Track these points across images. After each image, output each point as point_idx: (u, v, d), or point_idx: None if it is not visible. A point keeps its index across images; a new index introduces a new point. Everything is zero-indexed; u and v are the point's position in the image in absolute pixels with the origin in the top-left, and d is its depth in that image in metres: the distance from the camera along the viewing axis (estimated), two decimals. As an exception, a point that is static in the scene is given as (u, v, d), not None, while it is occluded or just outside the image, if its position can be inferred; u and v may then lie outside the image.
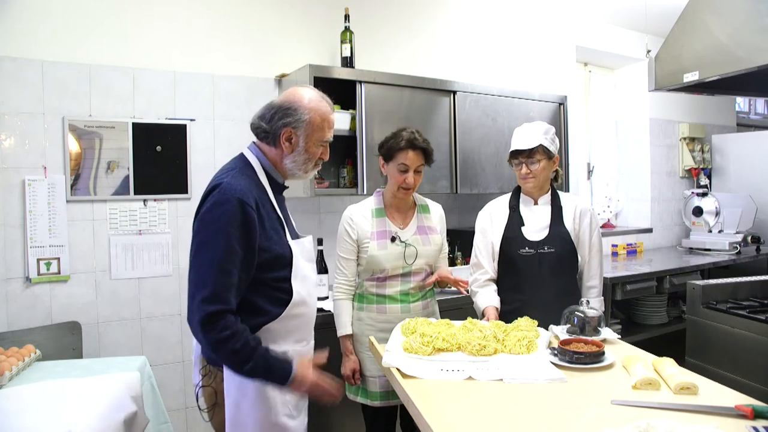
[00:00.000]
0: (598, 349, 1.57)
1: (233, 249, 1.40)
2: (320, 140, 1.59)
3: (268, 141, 1.59)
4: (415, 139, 2.04)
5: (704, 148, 4.75)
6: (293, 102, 1.55)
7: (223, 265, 1.38)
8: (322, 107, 1.58)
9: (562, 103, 3.44)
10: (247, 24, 2.80)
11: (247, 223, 1.43)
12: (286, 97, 1.58)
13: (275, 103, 1.58)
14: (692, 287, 2.41)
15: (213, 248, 1.39)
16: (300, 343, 1.61)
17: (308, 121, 1.54)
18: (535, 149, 2.07)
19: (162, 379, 2.52)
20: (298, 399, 1.60)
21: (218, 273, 1.37)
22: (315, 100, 1.57)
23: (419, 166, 2.06)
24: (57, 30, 2.37)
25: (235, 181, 1.48)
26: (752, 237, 4.06)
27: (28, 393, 1.74)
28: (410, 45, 3.29)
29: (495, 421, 1.24)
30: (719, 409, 1.25)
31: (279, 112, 1.55)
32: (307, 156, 1.58)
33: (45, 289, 2.36)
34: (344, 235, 2.12)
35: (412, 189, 2.09)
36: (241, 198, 1.43)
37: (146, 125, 2.55)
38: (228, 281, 1.38)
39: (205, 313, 1.35)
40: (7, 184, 2.30)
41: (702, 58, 2.27)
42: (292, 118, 1.53)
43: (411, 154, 2.04)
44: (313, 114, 1.55)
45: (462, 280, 2.17)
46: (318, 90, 1.63)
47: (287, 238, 1.56)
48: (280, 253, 1.52)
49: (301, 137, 1.55)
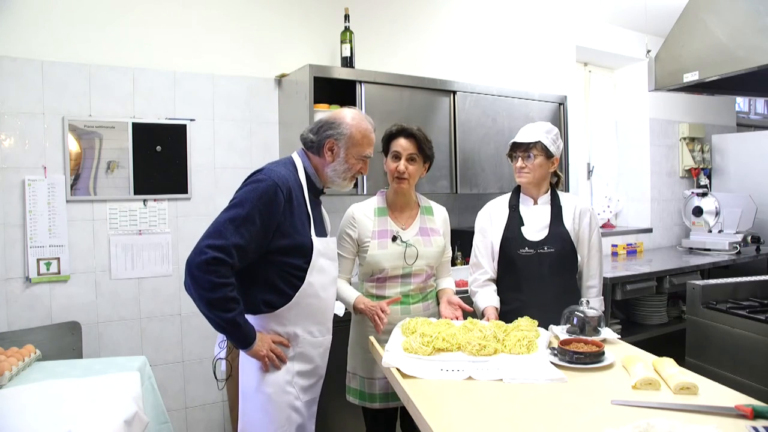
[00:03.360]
0: (598, 349, 1.57)
1: (253, 219, 1.56)
2: (360, 154, 1.77)
3: (314, 150, 1.77)
4: (407, 127, 2.06)
5: (704, 148, 4.75)
6: (338, 118, 1.76)
7: (240, 227, 1.54)
8: (363, 125, 1.77)
9: (562, 103, 3.44)
10: (247, 24, 2.80)
11: (275, 203, 1.59)
12: (334, 114, 1.79)
13: (323, 119, 1.78)
14: (692, 287, 2.41)
15: (236, 212, 1.56)
16: (312, 334, 1.73)
17: (349, 135, 1.74)
18: (532, 144, 2.08)
19: (162, 379, 2.52)
20: (306, 384, 1.73)
21: (234, 231, 1.53)
22: (357, 119, 1.77)
23: (411, 153, 2.04)
24: (57, 30, 2.37)
25: (276, 168, 1.68)
26: (752, 237, 4.05)
27: (28, 393, 1.74)
28: (410, 45, 3.29)
29: (495, 421, 1.24)
30: (719, 409, 1.25)
31: (325, 125, 1.75)
32: (347, 167, 1.76)
33: (45, 289, 2.36)
34: (344, 234, 2.12)
35: (408, 180, 2.05)
36: (276, 181, 1.61)
37: (146, 125, 2.55)
38: (239, 242, 1.53)
39: (213, 257, 1.49)
40: (7, 184, 2.30)
41: (702, 58, 2.27)
42: (335, 131, 1.73)
43: (402, 141, 2.05)
44: (354, 130, 1.74)
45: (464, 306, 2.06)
46: (362, 112, 1.82)
47: (311, 233, 1.69)
48: (300, 243, 1.66)
49: (342, 149, 1.74)
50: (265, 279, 1.65)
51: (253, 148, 2.81)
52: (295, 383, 1.70)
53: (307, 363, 1.73)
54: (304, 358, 1.72)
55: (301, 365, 1.71)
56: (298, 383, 1.71)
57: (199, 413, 2.72)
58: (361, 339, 2.10)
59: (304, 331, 1.71)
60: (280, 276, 1.66)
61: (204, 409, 2.73)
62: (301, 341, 1.70)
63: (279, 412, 1.66)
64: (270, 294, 1.65)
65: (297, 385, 1.71)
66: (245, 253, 1.56)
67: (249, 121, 2.82)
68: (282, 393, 1.67)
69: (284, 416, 1.67)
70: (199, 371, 2.71)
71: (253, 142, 2.82)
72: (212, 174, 2.72)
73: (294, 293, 1.66)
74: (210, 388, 2.73)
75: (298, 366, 1.71)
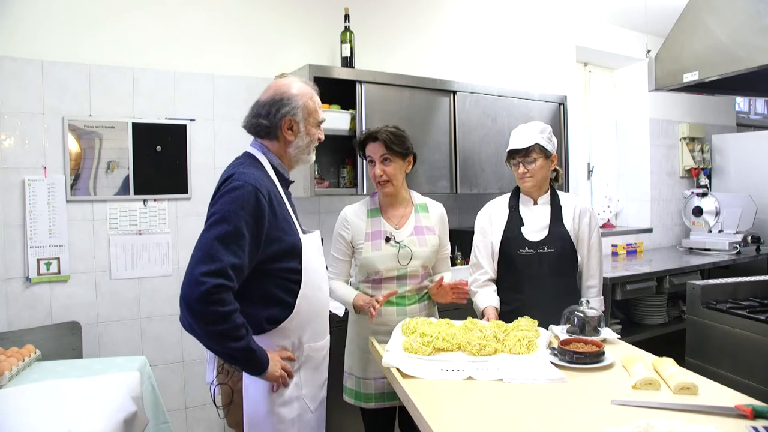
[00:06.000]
0: (598, 349, 1.57)
1: (241, 233, 1.42)
2: (316, 121, 1.68)
3: (270, 136, 1.64)
4: (375, 131, 2.04)
5: (704, 148, 4.75)
6: (283, 93, 1.62)
7: (230, 244, 1.40)
8: (308, 90, 1.66)
9: (562, 103, 3.44)
10: (247, 24, 2.80)
11: (259, 210, 1.47)
12: (275, 91, 1.63)
13: (265, 100, 1.63)
14: (692, 287, 2.41)
15: (222, 228, 1.41)
16: (314, 339, 1.65)
17: (303, 105, 1.62)
18: (531, 148, 2.08)
19: (162, 379, 2.52)
20: (314, 391, 1.66)
21: (225, 250, 1.39)
22: (301, 86, 1.65)
23: (382, 155, 2.02)
24: (57, 30, 2.37)
25: (248, 171, 1.53)
26: (752, 237, 4.06)
27: (28, 393, 1.74)
28: (410, 45, 3.29)
29: (495, 421, 1.24)
30: (719, 409, 1.25)
31: (275, 104, 1.61)
32: (309, 139, 1.66)
33: (45, 289, 2.36)
34: (338, 236, 2.11)
35: (390, 182, 2.04)
36: (255, 185, 1.47)
37: (146, 125, 2.55)
38: (234, 261, 1.40)
39: (213, 285, 1.35)
40: (7, 184, 2.30)
41: (702, 58, 2.27)
42: (289, 106, 1.60)
43: (371, 146, 2.05)
44: (305, 98, 1.63)
45: (458, 285, 2.01)
46: (294, 75, 1.68)
47: (297, 230, 1.61)
48: (292, 243, 1.56)
49: (301, 122, 1.63)
50: (262, 294, 1.53)
51: (253, 148, 2.81)
52: (304, 396, 1.62)
53: (312, 369, 1.66)
54: (310, 364, 1.65)
55: (306, 373, 1.64)
56: (308, 394, 1.64)
57: (199, 413, 2.72)
58: (358, 339, 2.10)
59: (308, 337, 1.62)
60: (278, 285, 1.55)
61: (204, 409, 2.73)
62: (306, 348, 1.62)
63: (291, 425, 1.58)
64: (271, 308, 1.54)
65: (306, 397, 1.63)
66: (242, 272, 1.43)
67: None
68: (293, 410, 1.59)
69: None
70: (199, 371, 2.70)
71: (253, 142, 2.82)
72: (212, 174, 2.72)
73: (294, 300, 1.55)
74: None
75: (304, 375, 1.63)
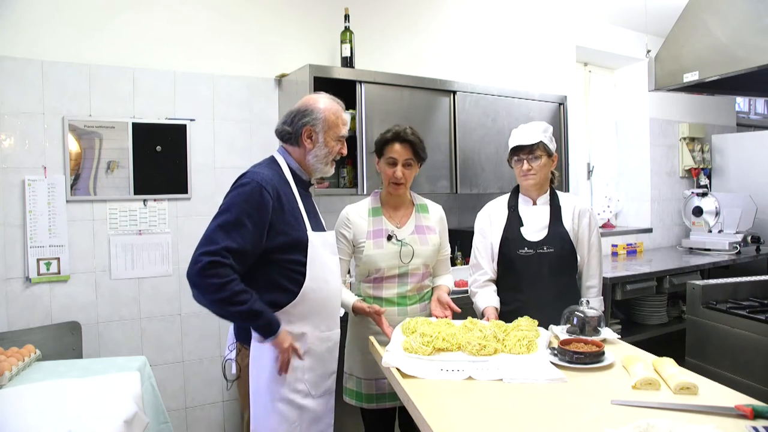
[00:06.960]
0: (598, 349, 1.57)
1: (242, 222, 1.57)
2: (337, 135, 1.81)
3: (292, 142, 1.80)
4: (402, 132, 2.05)
5: (704, 148, 4.75)
6: (309, 105, 1.79)
7: (230, 231, 1.56)
8: (334, 107, 1.82)
9: (562, 103, 3.44)
10: (247, 24, 2.80)
11: (262, 204, 1.61)
12: (303, 102, 1.81)
13: (293, 109, 1.80)
14: (692, 287, 2.41)
15: (225, 217, 1.58)
16: (320, 329, 1.75)
17: (323, 118, 1.77)
18: (536, 145, 2.08)
19: (162, 379, 2.52)
20: (317, 379, 1.75)
21: (224, 236, 1.55)
22: (328, 102, 1.81)
23: (407, 159, 2.05)
24: (57, 30, 2.37)
25: (260, 170, 1.71)
26: (752, 237, 4.05)
27: (28, 393, 1.74)
28: (410, 45, 3.29)
29: (495, 421, 1.24)
30: (719, 409, 1.25)
31: (298, 114, 1.78)
32: (327, 150, 1.79)
33: (45, 289, 2.36)
34: (339, 235, 2.11)
35: (404, 184, 2.07)
36: (260, 183, 1.63)
37: (146, 125, 2.55)
38: (231, 245, 1.54)
39: (208, 261, 1.51)
40: (7, 184, 2.30)
41: (702, 58, 2.27)
42: (310, 117, 1.77)
43: (398, 147, 2.04)
44: (327, 112, 1.78)
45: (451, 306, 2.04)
46: (329, 95, 1.86)
47: (306, 227, 1.72)
48: (297, 238, 1.69)
49: (320, 133, 1.77)
50: (267, 279, 1.67)
51: (253, 148, 2.81)
52: (306, 380, 1.71)
53: (316, 359, 1.74)
54: (313, 355, 1.73)
55: (310, 361, 1.72)
56: (310, 380, 1.72)
57: (199, 413, 2.72)
58: (357, 340, 2.10)
59: (313, 328, 1.72)
60: (282, 274, 1.68)
61: (204, 409, 2.73)
62: (310, 338, 1.71)
63: (290, 409, 1.68)
64: (275, 293, 1.66)
65: (308, 381, 1.72)
66: (241, 256, 1.57)
67: (249, 121, 2.82)
68: (293, 390, 1.68)
69: (295, 413, 1.68)
70: (199, 371, 2.71)
71: (253, 142, 2.82)
72: (212, 174, 2.72)
73: (298, 289, 1.67)
74: (210, 388, 2.73)
75: (308, 362, 1.71)
